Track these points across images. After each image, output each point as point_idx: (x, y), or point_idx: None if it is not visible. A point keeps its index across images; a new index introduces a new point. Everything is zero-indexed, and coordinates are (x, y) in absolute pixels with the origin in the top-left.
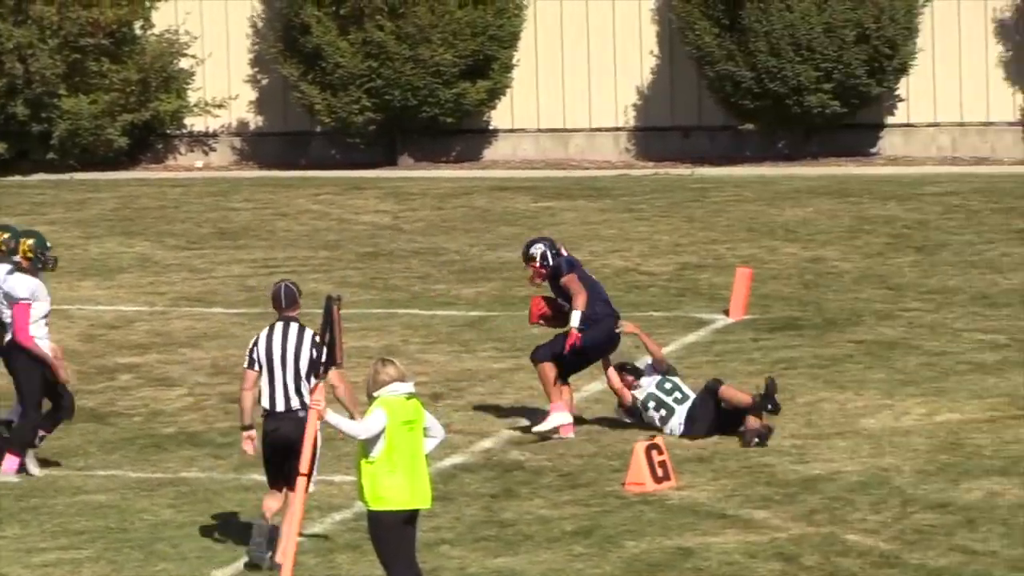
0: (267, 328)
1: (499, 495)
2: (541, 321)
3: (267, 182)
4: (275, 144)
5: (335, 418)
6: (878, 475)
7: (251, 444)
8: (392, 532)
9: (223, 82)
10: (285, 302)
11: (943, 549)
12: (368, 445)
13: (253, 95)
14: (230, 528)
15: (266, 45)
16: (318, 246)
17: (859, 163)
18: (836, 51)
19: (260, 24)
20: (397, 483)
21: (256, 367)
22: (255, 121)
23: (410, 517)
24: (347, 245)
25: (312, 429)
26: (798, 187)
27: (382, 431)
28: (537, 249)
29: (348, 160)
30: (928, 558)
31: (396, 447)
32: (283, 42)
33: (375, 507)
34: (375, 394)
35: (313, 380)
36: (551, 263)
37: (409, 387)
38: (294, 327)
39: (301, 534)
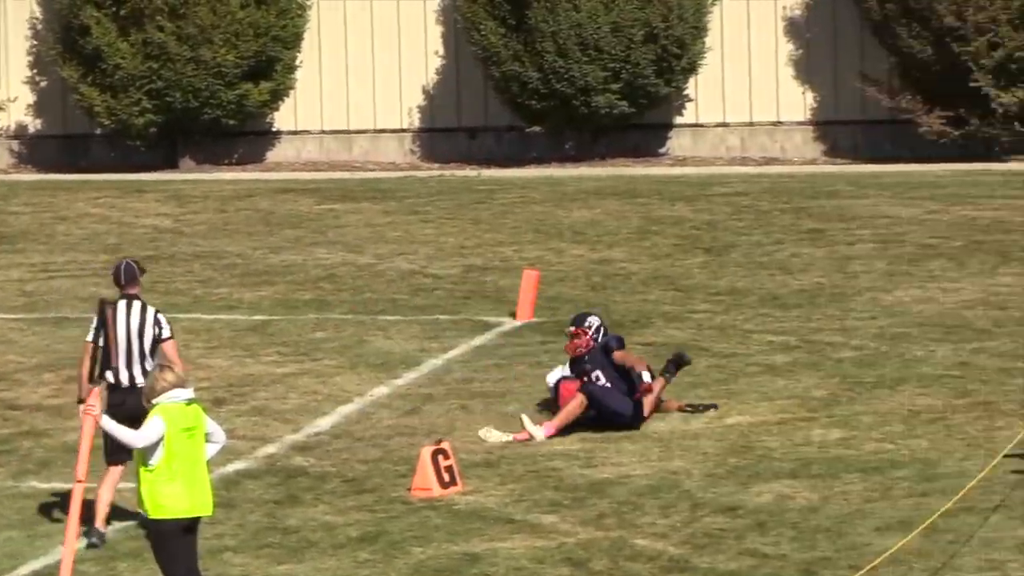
0: (111, 305)
1: (283, 501)
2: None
3: (46, 185)
4: (54, 147)
5: (111, 424)
6: (667, 479)
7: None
8: (173, 540)
9: (1, 84)
10: (125, 279)
11: (733, 553)
12: (147, 453)
13: (32, 97)
14: (9, 535)
15: (45, 47)
16: (98, 250)
17: (647, 164)
18: (624, 51)
19: (39, 26)
20: (177, 491)
21: (100, 342)
22: (34, 124)
23: (191, 525)
24: (128, 248)
25: (89, 435)
26: (585, 188)
27: (161, 439)
28: (594, 320)
29: (129, 163)
30: (718, 562)
31: (176, 454)
32: (62, 44)
33: (155, 516)
34: (154, 401)
35: (149, 361)
36: (599, 338)
37: (189, 393)
38: (136, 304)
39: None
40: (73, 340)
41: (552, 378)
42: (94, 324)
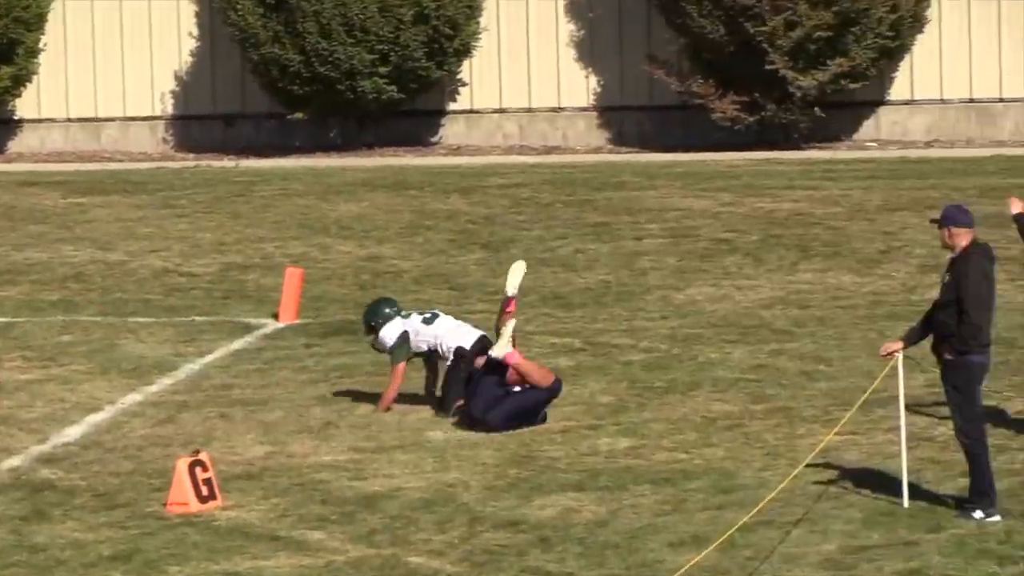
0: None
1: (29, 517)
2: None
3: None
4: None
5: None
6: (443, 492)
7: None
8: None
9: None
10: None
11: (515, 571)
12: None
13: None
14: None
15: None
16: None
17: (419, 153)
18: (392, 32)
19: None
20: None
21: None
22: None
23: None
24: None
25: None
26: (352, 180)
27: None
28: None
29: None
30: None
31: None
32: None
33: None
34: None
35: None
36: None
37: None
38: None
39: None
40: None
41: (393, 334)
42: None
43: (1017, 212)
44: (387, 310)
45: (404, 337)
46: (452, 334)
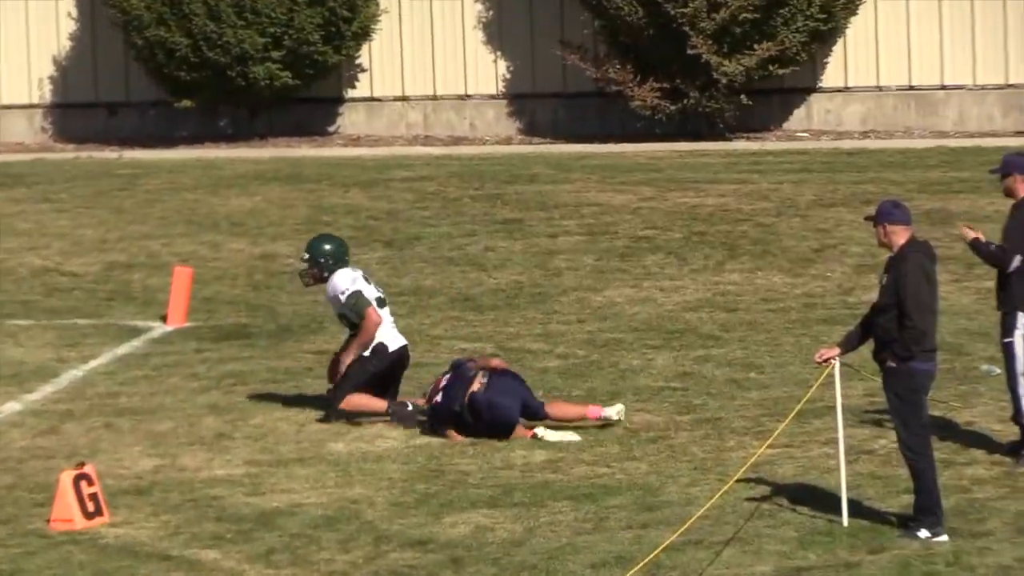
0: None
1: None
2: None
3: None
4: None
5: None
6: (346, 508)
7: None
8: None
9: None
10: None
11: None
12: None
13: None
14: None
15: None
16: None
17: (316, 144)
18: (286, 14)
19: None
20: None
21: None
22: None
23: None
24: None
25: None
26: (244, 172)
27: None
28: None
29: None
30: None
31: None
32: None
33: None
34: None
35: None
36: None
37: None
38: None
39: None
40: None
41: (348, 284)
42: None
43: (973, 238)
44: (337, 250)
45: (360, 293)
46: (383, 328)
